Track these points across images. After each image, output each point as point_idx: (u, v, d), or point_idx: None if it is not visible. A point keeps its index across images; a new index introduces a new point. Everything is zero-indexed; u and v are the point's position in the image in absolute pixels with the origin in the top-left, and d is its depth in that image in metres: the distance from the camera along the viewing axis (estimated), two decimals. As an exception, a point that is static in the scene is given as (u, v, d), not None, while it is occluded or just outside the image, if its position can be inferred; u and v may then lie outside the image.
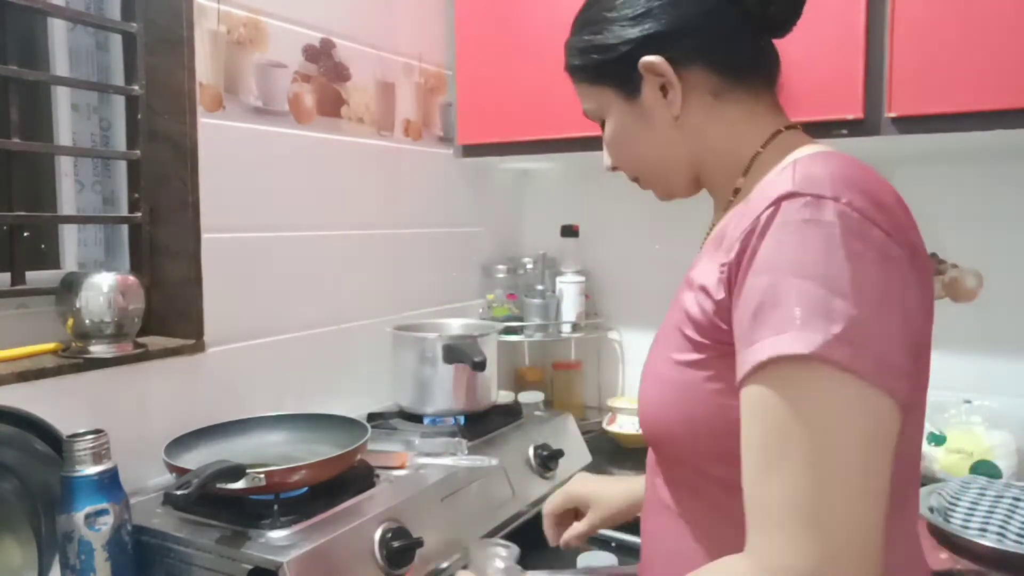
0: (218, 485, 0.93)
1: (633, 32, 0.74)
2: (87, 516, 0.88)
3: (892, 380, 0.55)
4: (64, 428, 0.93)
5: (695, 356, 0.68)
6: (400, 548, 0.99)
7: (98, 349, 1.07)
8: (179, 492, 0.88)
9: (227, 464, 0.94)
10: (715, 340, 0.65)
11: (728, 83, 0.74)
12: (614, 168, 0.85)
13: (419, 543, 1.01)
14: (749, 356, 0.58)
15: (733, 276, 0.62)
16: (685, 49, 0.73)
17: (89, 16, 1.19)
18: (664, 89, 0.74)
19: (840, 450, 0.53)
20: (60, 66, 1.20)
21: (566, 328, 1.83)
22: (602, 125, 0.83)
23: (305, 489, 1.04)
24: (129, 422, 1.10)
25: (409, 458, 1.21)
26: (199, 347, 1.20)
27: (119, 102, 1.25)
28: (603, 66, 0.78)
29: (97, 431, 0.91)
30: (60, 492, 0.89)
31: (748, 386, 0.58)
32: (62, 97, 1.21)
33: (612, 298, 1.95)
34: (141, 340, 1.16)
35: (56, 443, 0.93)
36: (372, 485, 1.11)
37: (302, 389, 1.39)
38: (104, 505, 0.89)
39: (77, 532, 0.87)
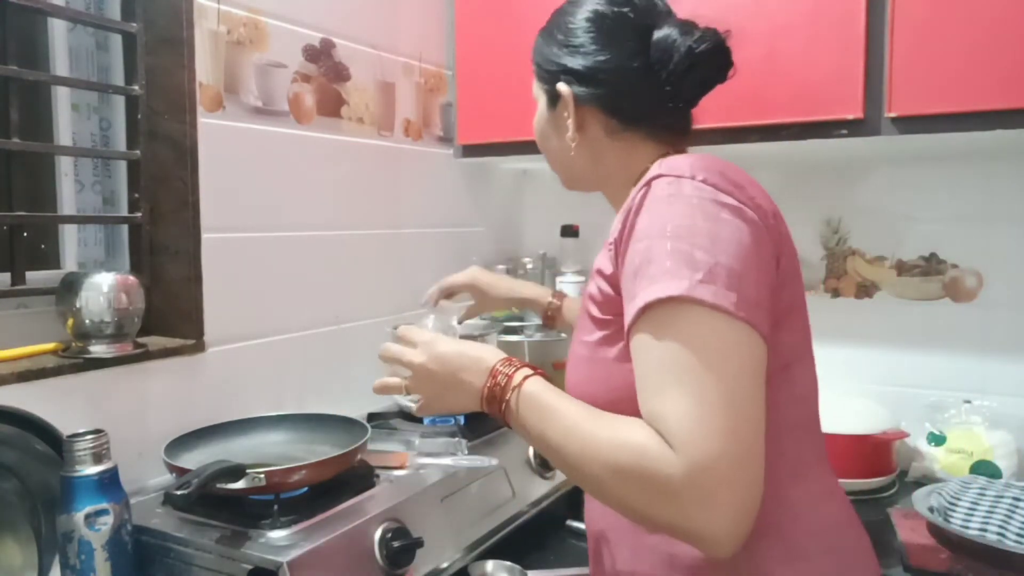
0: (218, 485, 0.93)
1: (562, 58, 0.87)
2: (87, 516, 0.88)
3: (753, 313, 0.67)
4: (64, 428, 0.93)
5: (602, 333, 0.79)
6: (400, 548, 0.99)
7: (98, 349, 1.07)
8: (179, 492, 0.87)
9: (227, 464, 0.94)
10: (616, 313, 0.75)
11: (624, 126, 0.86)
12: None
13: (419, 543, 1.01)
14: (632, 307, 0.69)
15: (619, 250, 0.74)
16: (591, 92, 0.85)
17: (89, 16, 1.19)
18: (566, 112, 0.87)
19: (718, 371, 0.64)
20: (60, 66, 1.20)
21: (564, 331, 1.82)
22: None
23: (305, 489, 1.04)
24: (129, 422, 1.10)
25: (409, 458, 1.21)
26: (199, 347, 1.20)
27: (119, 102, 1.25)
28: (539, 71, 0.91)
29: (97, 431, 0.91)
30: (60, 492, 0.89)
31: (636, 333, 0.69)
32: (62, 97, 1.21)
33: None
34: (141, 340, 1.16)
35: (56, 443, 0.93)
36: (372, 485, 1.10)
37: (302, 389, 1.39)
38: (104, 505, 0.89)
39: (77, 532, 0.87)
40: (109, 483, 0.90)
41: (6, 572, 0.92)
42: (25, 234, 1.10)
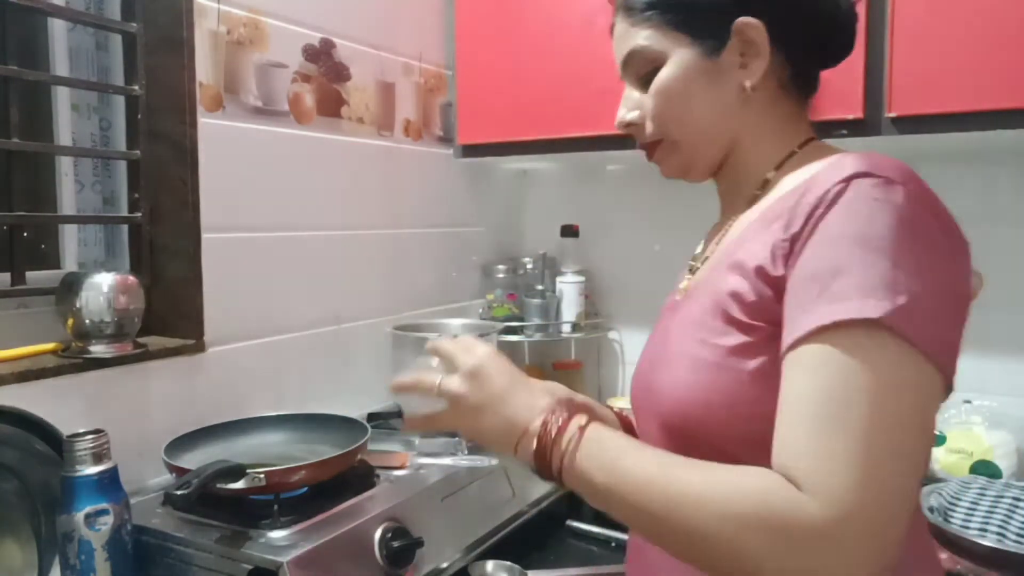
0: (218, 485, 0.93)
1: None
2: (87, 516, 0.88)
3: (946, 359, 0.57)
4: (64, 428, 0.93)
5: (741, 340, 0.66)
6: (400, 548, 0.99)
7: (98, 349, 1.07)
8: (179, 492, 0.88)
9: (227, 464, 0.94)
10: (768, 321, 0.64)
11: (792, 80, 0.75)
12: (629, 125, 0.80)
13: (419, 543, 1.01)
14: (808, 319, 0.58)
15: (794, 248, 0.63)
16: (783, 26, 0.72)
17: (89, 16, 1.19)
18: (743, 56, 0.72)
19: (895, 416, 0.55)
20: (60, 66, 1.19)
21: (566, 328, 1.83)
22: (640, 76, 0.77)
23: (305, 489, 1.04)
24: (129, 422, 1.10)
25: (409, 458, 1.21)
26: (199, 347, 1.20)
27: (119, 102, 1.24)
28: (693, 11, 0.73)
29: (97, 431, 0.91)
30: (60, 492, 0.89)
31: (805, 346, 0.58)
32: (62, 97, 1.21)
33: (612, 298, 1.95)
34: (141, 340, 1.15)
35: (56, 443, 0.93)
36: (372, 485, 1.10)
37: (302, 389, 1.39)
38: (104, 505, 0.89)
39: (77, 532, 0.87)
40: (109, 483, 0.90)
41: (6, 572, 0.92)
42: (25, 234, 1.10)
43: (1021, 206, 1.49)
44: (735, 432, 0.66)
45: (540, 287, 1.85)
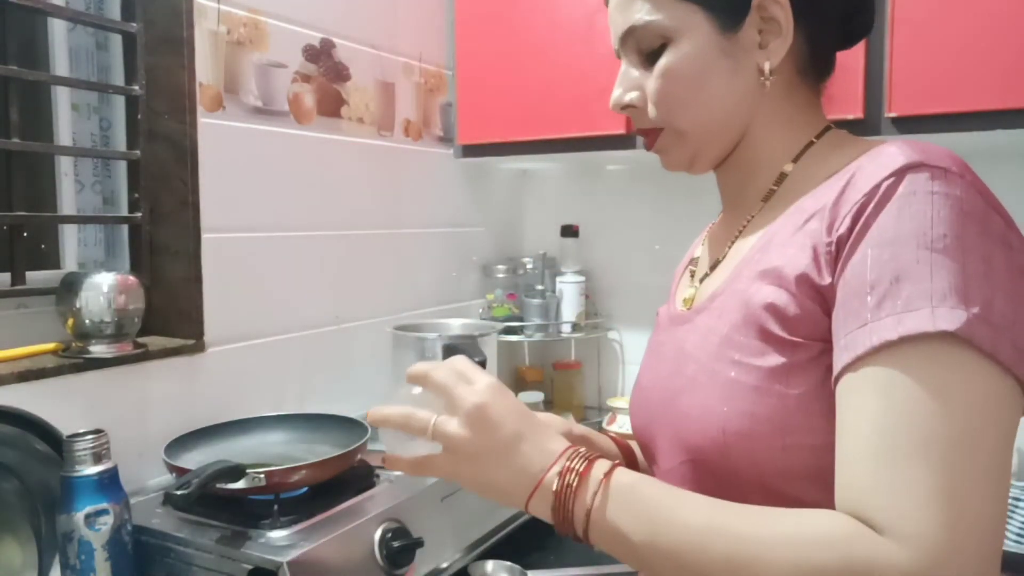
0: (218, 485, 0.93)
1: None
2: (87, 516, 0.88)
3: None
4: (64, 428, 0.93)
5: (785, 359, 0.58)
6: (400, 548, 0.99)
7: (98, 349, 1.07)
8: (179, 492, 0.88)
9: (227, 464, 0.94)
10: (814, 337, 0.57)
11: (810, 64, 0.68)
12: (627, 107, 0.71)
13: (419, 543, 1.01)
14: (869, 335, 0.51)
15: (840, 252, 0.56)
16: (808, 1, 0.65)
17: (89, 16, 1.19)
18: (762, 35, 0.65)
19: (979, 440, 0.49)
20: (60, 66, 1.19)
21: (566, 328, 1.83)
22: (643, 53, 0.68)
23: (305, 489, 1.04)
24: (129, 422, 1.10)
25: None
26: (199, 347, 1.20)
27: (119, 102, 1.25)
28: None
29: (97, 431, 0.91)
30: (60, 492, 0.89)
31: (869, 367, 0.51)
32: (62, 97, 1.21)
33: (612, 298, 1.95)
34: (141, 340, 1.16)
35: (56, 443, 0.93)
36: (372, 485, 1.10)
37: (302, 389, 1.39)
38: (104, 505, 0.89)
39: (77, 532, 0.87)
40: (109, 483, 0.90)
41: (6, 572, 0.92)
42: (25, 234, 1.10)
43: (1021, 206, 1.48)
44: (779, 465, 0.58)
45: (540, 287, 1.85)
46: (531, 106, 1.59)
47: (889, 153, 0.56)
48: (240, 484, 0.95)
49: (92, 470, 0.89)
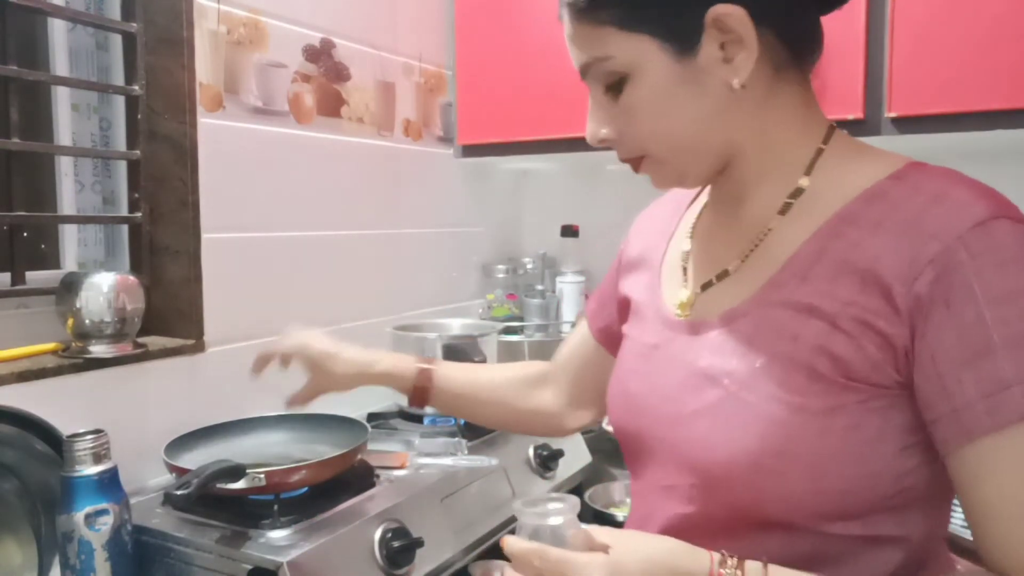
0: (218, 485, 0.93)
1: None
2: (87, 516, 0.88)
3: None
4: (64, 428, 0.93)
5: (829, 401, 0.57)
6: (400, 548, 0.98)
7: (98, 349, 1.07)
8: (179, 492, 0.87)
9: (227, 464, 0.94)
10: (868, 381, 0.57)
11: (788, 57, 0.63)
12: (602, 141, 0.67)
13: (419, 543, 1.01)
14: (1009, 403, 0.52)
15: (922, 308, 0.54)
16: (766, 3, 0.60)
17: (89, 16, 1.19)
18: (724, 49, 0.60)
19: None
20: (60, 66, 1.19)
21: (566, 328, 1.83)
22: (606, 86, 0.64)
23: (305, 489, 1.04)
24: (129, 422, 1.10)
25: (409, 458, 1.21)
26: (199, 347, 1.20)
27: (119, 102, 1.24)
28: (651, 8, 0.60)
29: (97, 431, 0.91)
30: (60, 492, 0.89)
31: (1013, 433, 0.52)
32: (62, 97, 1.21)
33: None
34: (141, 340, 1.15)
35: (56, 443, 0.93)
36: (372, 485, 1.10)
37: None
38: (104, 505, 0.89)
39: (77, 532, 0.87)
40: (109, 483, 0.90)
41: (6, 572, 0.92)
42: (25, 234, 1.10)
43: (1021, 206, 1.48)
44: (809, 505, 0.58)
45: (540, 287, 1.85)
46: (531, 106, 1.59)
47: (958, 199, 0.56)
48: (240, 484, 0.95)
49: (92, 470, 0.89)
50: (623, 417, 0.73)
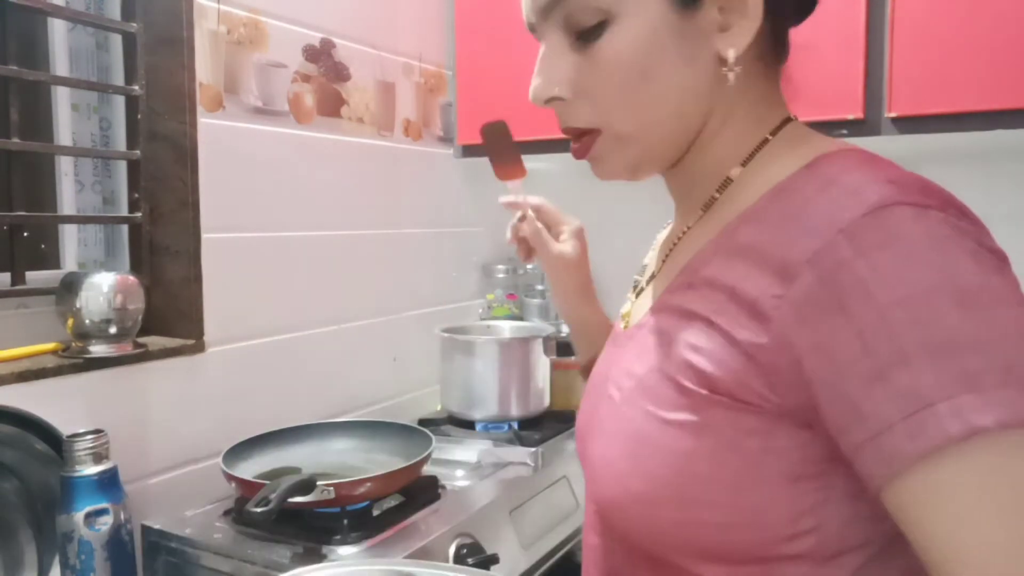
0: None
1: None
2: (87, 516, 0.88)
3: None
4: (64, 428, 0.93)
5: (694, 416, 0.49)
6: (475, 564, 0.93)
7: (98, 349, 1.07)
8: (258, 510, 0.84)
9: (301, 477, 0.91)
10: (733, 395, 0.48)
11: (770, 46, 0.57)
12: (551, 102, 0.58)
13: (494, 559, 0.96)
14: (946, 418, 0.40)
15: (806, 320, 0.45)
16: None
17: (89, 16, 1.19)
18: (723, 13, 0.52)
19: None
20: (60, 66, 1.19)
21: (565, 328, 1.82)
22: (576, 32, 0.54)
23: (367, 502, 1.00)
24: (129, 422, 1.10)
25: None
26: (199, 347, 1.20)
27: (119, 102, 1.24)
28: None
29: (97, 431, 0.91)
30: (60, 492, 0.89)
31: (958, 457, 0.40)
32: (62, 97, 1.21)
33: (612, 298, 1.94)
34: (141, 340, 1.15)
35: (56, 443, 0.93)
36: (437, 497, 1.06)
37: (302, 389, 1.39)
38: (104, 505, 0.89)
39: (77, 532, 0.87)
40: (109, 483, 0.90)
41: (6, 572, 0.92)
42: (25, 234, 1.10)
43: (1021, 206, 1.49)
44: (675, 539, 0.51)
45: (540, 287, 1.85)
46: (531, 106, 1.58)
47: (850, 185, 0.46)
48: (308, 497, 0.91)
49: (92, 470, 0.89)
50: (577, 445, 0.68)
